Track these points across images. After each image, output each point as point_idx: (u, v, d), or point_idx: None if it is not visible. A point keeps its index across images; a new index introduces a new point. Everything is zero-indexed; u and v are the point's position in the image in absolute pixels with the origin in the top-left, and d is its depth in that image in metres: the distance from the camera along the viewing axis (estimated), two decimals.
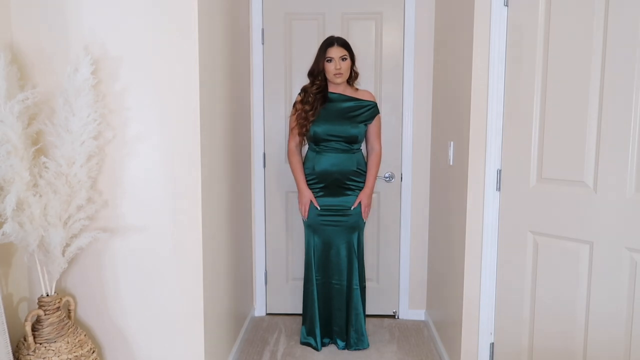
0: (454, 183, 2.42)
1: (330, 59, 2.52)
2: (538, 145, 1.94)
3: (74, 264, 1.91)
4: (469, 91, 2.14)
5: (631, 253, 1.69)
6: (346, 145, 2.59)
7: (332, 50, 2.52)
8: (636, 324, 1.69)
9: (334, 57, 2.51)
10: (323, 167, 2.59)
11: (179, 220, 1.91)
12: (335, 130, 2.56)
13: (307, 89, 2.60)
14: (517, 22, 1.99)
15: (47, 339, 1.70)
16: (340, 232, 2.63)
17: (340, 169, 2.59)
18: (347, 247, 2.63)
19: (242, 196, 2.82)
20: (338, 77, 2.54)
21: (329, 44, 2.54)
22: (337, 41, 2.54)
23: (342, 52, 2.53)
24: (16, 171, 1.59)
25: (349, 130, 2.56)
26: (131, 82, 1.85)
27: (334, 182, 2.60)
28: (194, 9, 1.82)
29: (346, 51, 2.54)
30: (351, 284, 2.64)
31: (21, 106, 1.61)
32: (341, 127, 2.56)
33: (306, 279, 2.70)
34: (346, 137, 2.57)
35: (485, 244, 2.15)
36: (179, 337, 1.96)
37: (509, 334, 2.12)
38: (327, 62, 2.53)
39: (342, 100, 2.60)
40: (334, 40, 2.54)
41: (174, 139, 1.88)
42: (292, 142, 2.66)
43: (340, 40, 2.55)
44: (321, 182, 2.61)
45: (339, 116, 2.57)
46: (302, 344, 2.77)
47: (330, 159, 2.59)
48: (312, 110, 2.55)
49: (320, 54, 2.55)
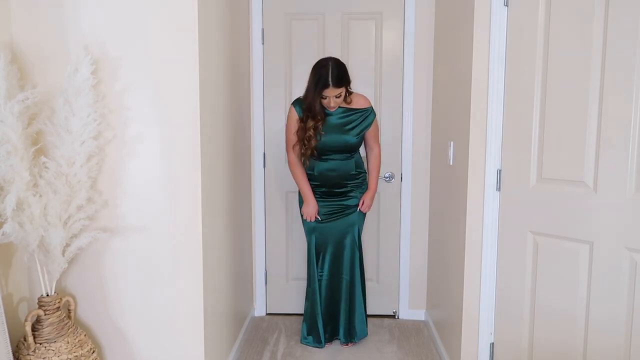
0: (454, 183, 2.42)
1: (325, 97, 2.46)
2: (538, 145, 1.94)
3: (74, 264, 1.91)
4: (469, 91, 2.14)
5: (631, 253, 1.69)
6: (346, 155, 2.63)
7: (328, 91, 2.43)
8: (636, 324, 1.69)
9: (329, 96, 2.46)
10: (323, 170, 2.62)
11: (179, 220, 1.91)
12: (336, 143, 2.57)
13: (304, 110, 2.54)
14: (517, 22, 1.99)
15: (47, 339, 1.70)
16: (341, 228, 2.67)
17: (340, 173, 2.63)
18: (350, 240, 2.68)
19: (242, 196, 2.82)
20: (331, 109, 2.54)
21: (325, 85, 2.41)
22: (333, 82, 2.40)
23: (338, 91, 2.44)
24: (16, 171, 1.59)
25: (349, 141, 2.58)
26: (131, 82, 1.85)
27: (334, 185, 2.64)
28: (194, 9, 1.82)
29: (342, 88, 2.45)
30: (354, 275, 2.69)
31: (21, 106, 1.61)
32: (341, 139, 2.57)
33: (309, 277, 2.72)
34: (346, 147, 2.60)
35: (485, 244, 2.15)
36: (179, 337, 1.96)
37: (509, 334, 2.12)
38: (322, 99, 2.48)
39: (339, 114, 2.57)
40: (330, 82, 2.40)
41: (174, 139, 1.88)
42: (292, 154, 2.64)
43: (336, 79, 2.41)
44: (322, 186, 2.65)
45: (338, 130, 2.56)
46: (302, 343, 2.77)
47: (330, 164, 2.62)
48: (313, 130, 2.52)
49: (317, 92, 2.44)
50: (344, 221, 2.66)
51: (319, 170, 2.62)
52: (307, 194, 2.64)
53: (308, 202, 2.64)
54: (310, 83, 2.48)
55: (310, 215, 2.65)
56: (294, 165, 2.65)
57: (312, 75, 2.48)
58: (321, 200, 2.66)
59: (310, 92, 2.49)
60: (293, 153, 2.64)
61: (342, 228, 2.67)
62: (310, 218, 2.66)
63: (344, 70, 2.47)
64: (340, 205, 2.66)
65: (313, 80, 2.47)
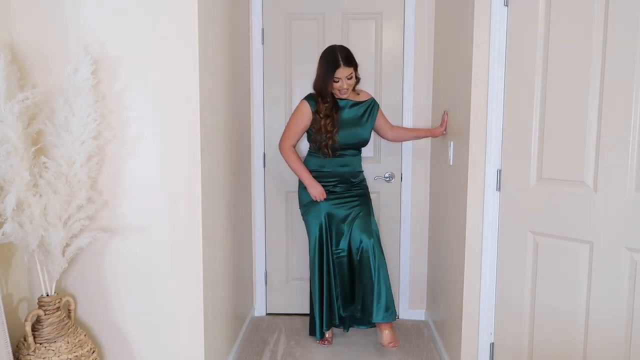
0: (454, 183, 2.42)
1: (337, 79, 2.49)
2: (538, 145, 1.94)
3: (74, 264, 1.91)
4: (469, 91, 2.14)
5: (631, 253, 1.69)
6: (356, 151, 2.67)
7: (340, 71, 2.46)
8: (636, 324, 1.69)
9: (341, 77, 2.48)
10: (337, 166, 2.63)
11: (179, 220, 1.91)
12: (351, 138, 2.61)
13: (319, 103, 2.55)
14: (517, 22, 1.99)
15: (47, 339, 1.70)
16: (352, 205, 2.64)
17: (351, 168, 2.67)
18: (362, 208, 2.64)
19: (242, 196, 2.82)
20: (344, 93, 2.55)
21: (336, 65, 2.45)
22: (344, 61, 2.46)
23: (349, 71, 2.48)
24: (16, 171, 1.60)
25: (362, 134, 2.64)
26: (131, 82, 1.85)
27: (345, 180, 2.66)
28: (194, 9, 1.82)
29: (352, 68, 2.50)
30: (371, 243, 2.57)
31: (21, 106, 1.61)
32: (356, 133, 2.61)
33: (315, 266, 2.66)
34: (360, 142, 2.65)
35: (485, 244, 2.15)
36: (179, 337, 1.96)
37: (509, 334, 2.12)
38: (334, 82, 2.50)
39: (350, 107, 2.61)
40: (340, 61, 2.45)
41: (174, 139, 1.88)
42: (288, 141, 2.62)
43: (346, 59, 2.47)
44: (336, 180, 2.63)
45: (352, 124, 2.61)
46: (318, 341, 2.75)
47: (344, 160, 2.64)
48: (332, 122, 2.54)
49: (328, 74, 2.48)
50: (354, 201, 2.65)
51: (333, 166, 2.63)
52: (308, 178, 2.60)
53: (312, 183, 2.59)
54: (321, 68, 2.53)
55: (320, 193, 2.58)
56: (291, 152, 2.61)
57: (321, 61, 2.54)
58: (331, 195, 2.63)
59: (320, 78, 2.53)
60: (289, 141, 2.61)
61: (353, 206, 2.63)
62: (321, 195, 2.58)
63: (351, 52, 2.54)
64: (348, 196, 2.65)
65: (323, 64, 2.52)
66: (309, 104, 2.58)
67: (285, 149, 2.63)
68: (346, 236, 2.64)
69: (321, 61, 2.54)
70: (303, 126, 2.60)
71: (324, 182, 2.63)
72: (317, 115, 2.56)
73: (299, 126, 2.60)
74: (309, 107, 2.57)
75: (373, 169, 3.04)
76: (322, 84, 2.52)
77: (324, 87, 2.51)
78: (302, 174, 2.62)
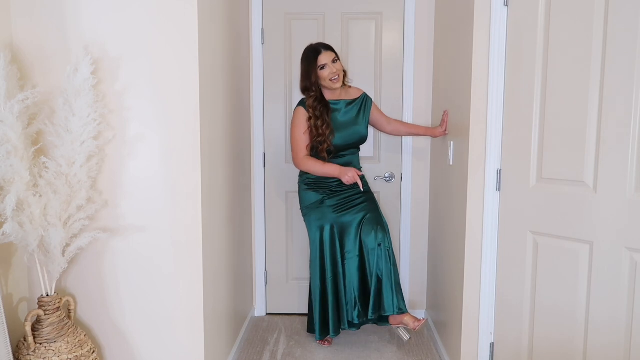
0: (454, 183, 2.42)
1: (323, 66, 2.48)
2: (538, 145, 1.94)
3: (74, 264, 1.92)
4: (469, 91, 2.14)
5: (631, 253, 1.69)
6: (355, 150, 2.68)
7: (322, 57, 2.47)
8: (636, 324, 1.69)
9: (326, 62, 2.48)
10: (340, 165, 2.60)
11: (179, 220, 1.91)
12: (352, 137, 2.61)
13: (309, 104, 2.54)
14: (517, 22, 1.99)
15: (47, 339, 1.70)
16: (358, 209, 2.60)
17: (353, 166, 2.65)
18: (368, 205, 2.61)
19: (242, 196, 2.82)
20: (336, 81, 2.52)
21: (317, 52, 2.48)
22: (323, 47, 2.50)
23: (332, 55, 2.50)
24: (16, 171, 1.60)
25: (361, 131, 2.64)
26: (131, 82, 1.85)
27: None
28: (194, 9, 1.82)
29: (333, 53, 2.51)
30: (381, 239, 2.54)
31: (21, 106, 1.61)
32: (355, 132, 2.62)
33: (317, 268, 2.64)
34: (360, 139, 2.65)
35: (485, 244, 2.15)
36: (179, 337, 1.96)
37: (509, 334, 2.12)
38: (321, 70, 2.49)
39: (346, 107, 2.61)
40: (320, 47, 2.50)
41: (174, 139, 1.88)
42: (300, 153, 2.56)
43: (324, 45, 2.52)
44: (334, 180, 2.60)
45: (351, 123, 2.61)
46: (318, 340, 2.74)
47: (346, 159, 2.64)
48: (325, 124, 2.51)
49: (311, 65, 2.49)
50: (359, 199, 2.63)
51: None
52: (335, 168, 2.53)
53: (342, 171, 2.51)
54: (303, 64, 2.56)
55: (352, 176, 2.49)
56: (307, 160, 2.56)
57: (302, 58, 2.57)
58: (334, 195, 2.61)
59: (304, 72, 2.54)
60: (302, 152, 2.55)
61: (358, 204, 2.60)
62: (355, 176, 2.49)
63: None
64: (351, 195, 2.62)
65: (304, 59, 2.55)
66: (303, 107, 2.57)
67: (301, 161, 2.56)
68: (356, 237, 2.61)
69: (302, 59, 2.56)
70: (305, 129, 2.57)
71: (326, 183, 2.62)
72: (310, 122, 2.53)
73: (302, 133, 2.55)
74: (303, 110, 2.57)
75: (373, 169, 3.05)
76: (306, 76, 2.53)
77: (308, 79, 2.51)
78: (327, 170, 2.55)
